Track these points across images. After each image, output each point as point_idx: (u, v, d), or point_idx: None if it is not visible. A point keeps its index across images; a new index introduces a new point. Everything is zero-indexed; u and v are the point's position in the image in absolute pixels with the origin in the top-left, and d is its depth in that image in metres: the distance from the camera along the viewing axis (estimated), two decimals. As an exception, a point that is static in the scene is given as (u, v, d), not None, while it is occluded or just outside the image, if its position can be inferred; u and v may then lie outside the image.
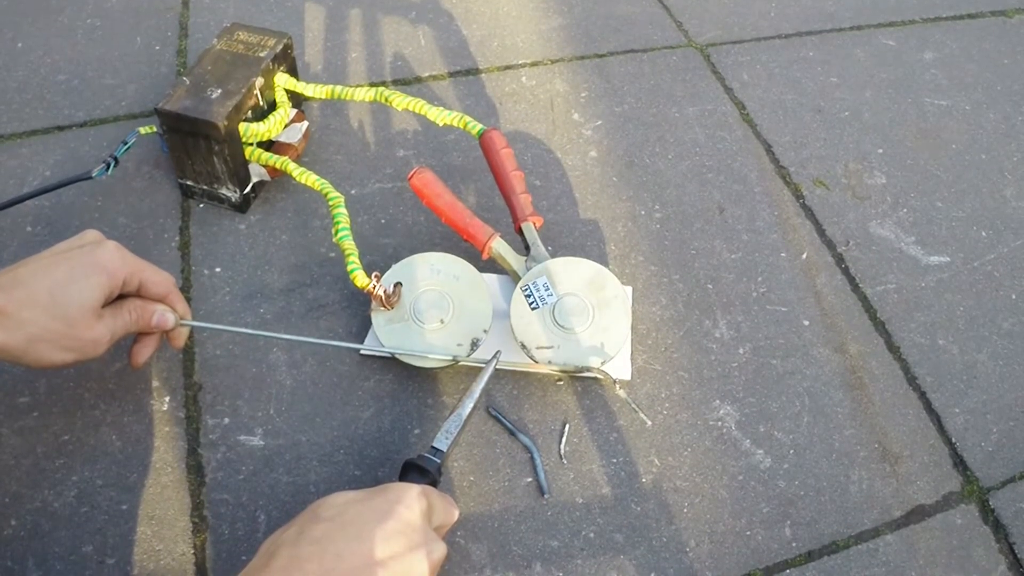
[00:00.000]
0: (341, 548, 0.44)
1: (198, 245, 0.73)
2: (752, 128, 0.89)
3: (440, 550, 0.47)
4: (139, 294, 0.57)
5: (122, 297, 0.56)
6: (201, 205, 0.76)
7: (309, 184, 0.70)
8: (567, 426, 0.63)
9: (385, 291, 0.63)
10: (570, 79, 0.92)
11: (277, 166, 0.72)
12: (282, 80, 0.75)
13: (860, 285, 0.75)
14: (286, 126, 0.75)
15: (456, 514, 0.53)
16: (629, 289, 0.72)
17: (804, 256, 0.77)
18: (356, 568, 0.43)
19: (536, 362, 0.63)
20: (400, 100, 0.73)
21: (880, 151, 0.88)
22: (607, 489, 0.60)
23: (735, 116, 0.90)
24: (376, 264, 0.72)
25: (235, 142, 0.70)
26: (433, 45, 0.95)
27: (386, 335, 0.64)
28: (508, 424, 0.63)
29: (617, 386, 0.62)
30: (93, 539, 0.55)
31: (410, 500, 0.47)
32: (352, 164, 0.81)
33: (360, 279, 0.63)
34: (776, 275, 0.75)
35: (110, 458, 0.59)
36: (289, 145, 0.76)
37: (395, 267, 0.67)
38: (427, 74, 0.91)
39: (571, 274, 0.66)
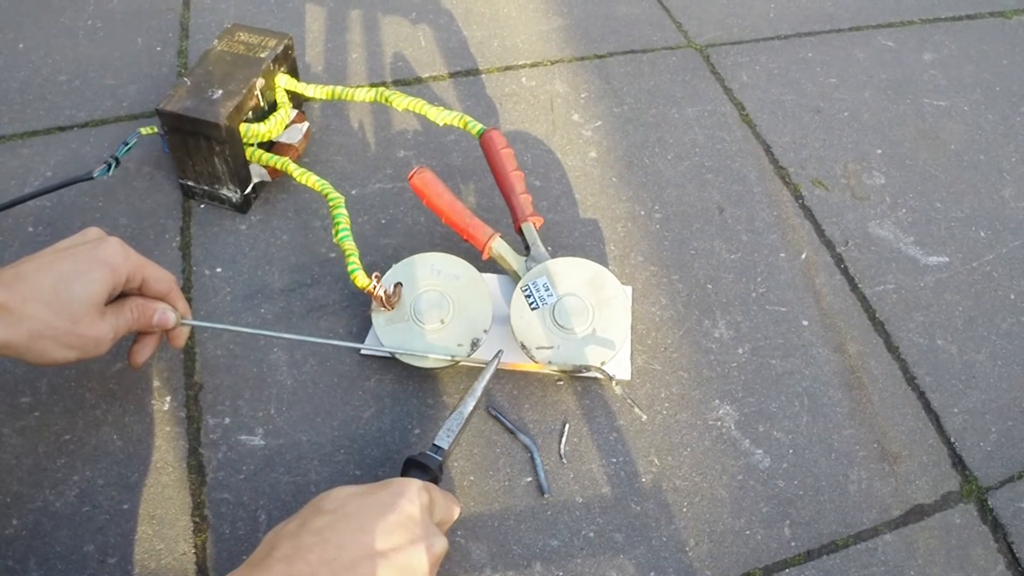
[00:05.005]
0: (343, 539, 0.44)
1: (199, 245, 0.73)
2: (751, 128, 0.89)
3: (441, 544, 0.48)
4: (140, 292, 0.57)
5: (123, 296, 0.56)
6: (202, 205, 0.76)
7: (310, 185, 0.70)
8: (567, 426, 0.63)
9: (385, 291, 0.63)
10: (570, 80, 0.93)
11: (278, 166, 0.73)
12: (283, 81, 0.75)
13: (859, 285, 0.75)
14: (287, 127, 0.76)
15: (457, 511, 0.53)
16: (629, 289, 0.72)
17: (803, 256, 0.77)
18: (357, 559, 0.43)
19: (536, 362, 0.63)
20: (400, 100, 0.74)
21: (879, 151, 0.88)
22: (607, 488, 0.60)
23: (734, 117, 0.90)
24: (376, 264, 0.72)
25: (236, 142, 0.70)
26: (433, 45, 0.95)
27: (386, 335, 0.64)
28: (508, 424, 0.63)
29: (614, 383, 0.62)
30: (94, 538, 0.55)
31: (412, 494, 0.47)
32: (352, 164, 0.81)
33: (360, 279, 0.63)
34: (775, 275, 0.75)
35: (111, 458, 0.59)
36: (290, 146, 0.76)
37: (395, 267, 0.67)
38: (427, 74, 0.92)
39: (571, 274, 0.66)
